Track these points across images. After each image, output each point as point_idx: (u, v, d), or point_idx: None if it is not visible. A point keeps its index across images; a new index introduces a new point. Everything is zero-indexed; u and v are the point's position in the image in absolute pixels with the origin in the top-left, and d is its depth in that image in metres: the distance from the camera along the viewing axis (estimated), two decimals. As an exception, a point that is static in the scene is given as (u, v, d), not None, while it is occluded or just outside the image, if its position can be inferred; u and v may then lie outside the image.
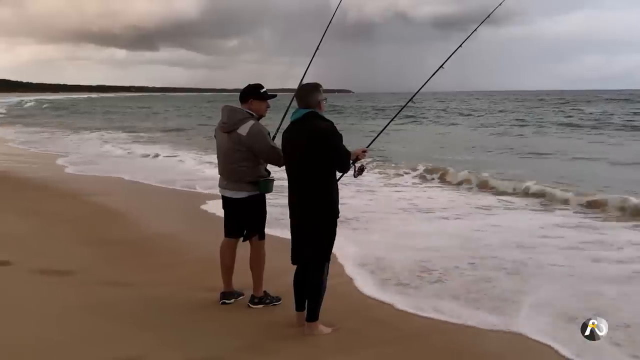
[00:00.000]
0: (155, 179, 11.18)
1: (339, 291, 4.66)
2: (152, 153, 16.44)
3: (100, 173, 12.08)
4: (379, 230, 7.01)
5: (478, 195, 9.72)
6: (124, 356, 3.51)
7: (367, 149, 4.03)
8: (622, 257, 5.77)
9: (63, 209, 8.07)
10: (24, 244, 6.11)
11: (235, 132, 4.13)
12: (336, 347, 3.73)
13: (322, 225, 3.74)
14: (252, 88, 4.26)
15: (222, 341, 3.80)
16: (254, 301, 4.41)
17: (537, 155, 16.31)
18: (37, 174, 11.51)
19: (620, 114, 34.58)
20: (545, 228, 7.12)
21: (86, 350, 3.62)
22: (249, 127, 4.10)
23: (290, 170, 3.81)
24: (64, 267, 5.28)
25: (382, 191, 10.16)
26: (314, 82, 3.86)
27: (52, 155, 15.61)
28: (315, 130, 3.65)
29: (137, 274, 5.20)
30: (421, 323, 4.20)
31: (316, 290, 3.81)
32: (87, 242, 6.27)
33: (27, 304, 4.39)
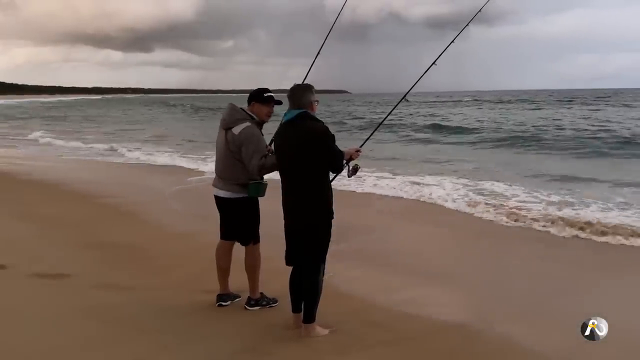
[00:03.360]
0: (150, 180, 11.16)
1: (336, 292, 4.65)
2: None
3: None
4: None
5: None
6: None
7: (360, 149, 4.03)
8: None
9: (60, 212, 8.04)
10: (20, 248, 6.08)
11: (230, 131, 4.14)
12: (333, 349, 3.73)
13: (316, 227, 3.74)
14: (256, 92, 4.26)
15: (219, 344, 3.80)
16: (251, 303, 4.41)
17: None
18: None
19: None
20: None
21: (83, 354, 3.62)
22: (242, 128, 4.10)
23: (284, 172, 3.82)
24: (61, 271, 5.26)
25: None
26: (306, 82, 3.86)
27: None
28: (307, 131, 3.65)
29: (134, 277, 5.19)
30: (418, 325, 4.19)
31: (312, 292, 3.81)
32: (84, 245, 6.25)
33: (24, 308, 4.38)
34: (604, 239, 6.70)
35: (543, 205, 8.53)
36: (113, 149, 18.57)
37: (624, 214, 7.92)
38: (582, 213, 7.94)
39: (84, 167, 14.05)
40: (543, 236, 7.02)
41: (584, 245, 6.63)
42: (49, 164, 14.07)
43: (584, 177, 11.66)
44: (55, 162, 14.64)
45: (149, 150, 17.89)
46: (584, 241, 6.74)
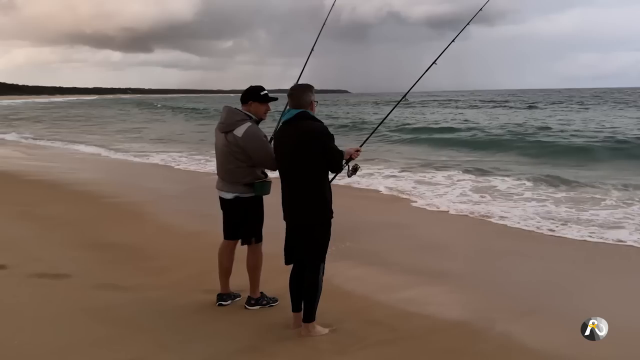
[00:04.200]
0: (150, 178, 11.15)
1: (336, 291, 4.65)
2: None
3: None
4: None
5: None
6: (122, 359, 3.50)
7: (360, 149, 4.02)
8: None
9: (59, 212, 8.04)
10: (20, 248, 6.08)
11: (231, 133, 4.12)
12: (333, 348, 3.73)
13: (316, 226, 3.75)
14: (252, 90, 4.22)
15: (219, 343, 3.80)
16: (251, 302, 4.41)
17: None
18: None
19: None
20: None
21: (83, 353, 3.61)
22: (245, 129, 4.08)
23: (283, 171, 3.82)
24: (61, 271, 5.26)
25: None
26: (306, 82, 3.86)
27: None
28: (306, 131, 3.65)
29: (133, 277, 5.19)
30: (419, 324, 4.19)
31: (312, 291, 3.81)
32: (84, 245, 6.25)
33: (24, 308, 4.38)
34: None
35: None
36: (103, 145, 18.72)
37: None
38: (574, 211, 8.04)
39: (81, 166, 14.04)
40: (543, 235, 7.02)
41: (586, 244, 6.62)
42: (46, 163, 14.06)
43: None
44: (52, 162, 14.62)
45: (140, 150, 17.97)
46: (587, 240, 6.75)
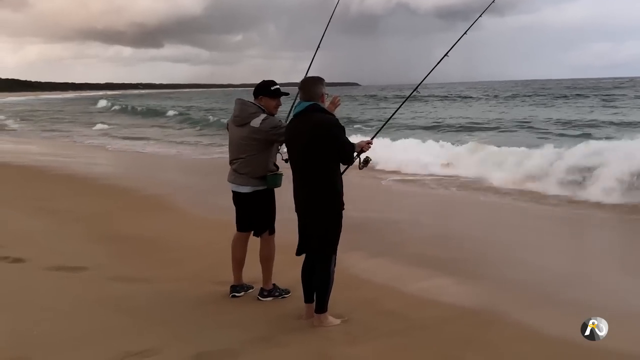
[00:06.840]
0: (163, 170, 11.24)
1: (349, 282, 4.68)
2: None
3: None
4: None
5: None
6: (137, 349, 3.56)
7: (371, 141, 4.03)
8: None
9: (74, 205, 8.16)
10: (37, 241, 6.19)
11: (248, 125, 4.15)
12: (346, 338, 3.76)
13: (327, 218, 3.77)
14: (263, 85, 4.25)
15: (232, 334, 3.84)
16: (264, 294, 4.46)
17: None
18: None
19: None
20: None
21: (99, 343, 3.68)
22: (261, 119, 4.12)
23: (294, 163, 3.84)
24: (78, 264, 5.35)
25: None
26: (317, 75, 3.88)
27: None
28: (317, 123, 3.67)
29: (149, 269, 5.26)
30: (431, 314, 4.20)
31: (324, 283, 3.84)
32: (99, 238, 6.34)
33: (42, 299, 4.46)
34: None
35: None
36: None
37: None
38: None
39: (95, 160, 14.18)
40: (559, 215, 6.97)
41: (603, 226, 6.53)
42: (58, 158, 14.23)
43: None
44: (65, 156, 14.78)
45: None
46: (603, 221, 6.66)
